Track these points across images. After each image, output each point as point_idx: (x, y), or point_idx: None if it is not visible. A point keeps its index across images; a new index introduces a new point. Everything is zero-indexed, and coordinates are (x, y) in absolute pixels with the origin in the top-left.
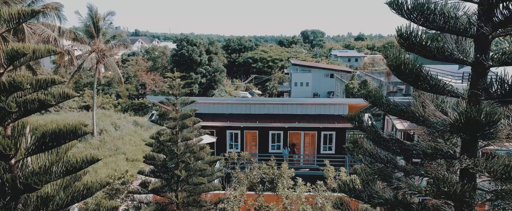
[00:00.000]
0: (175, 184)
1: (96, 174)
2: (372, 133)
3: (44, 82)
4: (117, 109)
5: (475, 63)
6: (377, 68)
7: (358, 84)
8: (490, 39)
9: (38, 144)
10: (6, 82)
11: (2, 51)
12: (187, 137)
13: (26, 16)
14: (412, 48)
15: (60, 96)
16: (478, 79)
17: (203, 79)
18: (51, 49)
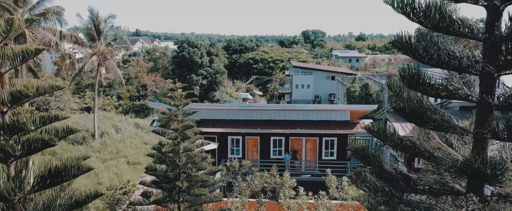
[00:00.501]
0: (177, 194)
1: (98, 177)
2: (377, 168)
3: (48, 119)
4: (118, 111)
5: (480, 102)
6: (378, 69)
7: (359, 88)
8: (496, 78)
9: (41, 183)
10: (10, 124)
11: (6, 91)
12: (189, 148)
13: (30, 54)
14: (416, 87)
15: (64, 131)
16: (483, 117)
17: (204, 81)
18: (55, 85)
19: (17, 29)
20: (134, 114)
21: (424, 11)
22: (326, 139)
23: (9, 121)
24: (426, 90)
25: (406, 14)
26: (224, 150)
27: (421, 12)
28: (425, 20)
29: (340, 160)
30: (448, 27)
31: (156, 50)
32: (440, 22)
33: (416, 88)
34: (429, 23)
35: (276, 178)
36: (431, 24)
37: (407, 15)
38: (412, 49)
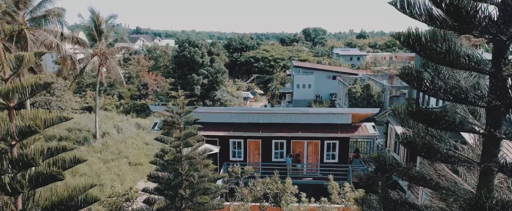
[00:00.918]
0: (179, 201)
1: (99, 178)
2: (383, 198)
3: (55, 151)
4: (119, 110)
5: (487, 135)
6: (379, 68)
7: (360, 89)
8: (503, 111)
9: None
10: (19, 159)
11: (15, 127)
12: (191, 156)
13: (39, 88)
14: (420, 120)
15: (72, 161)
16: (490, 149)
17: (205, 81)
18: (63, 116)
19: (27, 64)
20: (135, 114)
21: (430, 47)
22: (327, 141)
23: (18, 156)
24: (429, 123)
25: (410, 47)
26: (225, 153)
27: (426, 47)
28: (430, 55)
29: (341, 163)
30: (453, 61)
31: (157, 49)
32: (446, 56)
33: (420, 121)
34: (434, 57)
35: (278, 183)
36: (436, 59)
37: (413, 49)
38: (418, 80)
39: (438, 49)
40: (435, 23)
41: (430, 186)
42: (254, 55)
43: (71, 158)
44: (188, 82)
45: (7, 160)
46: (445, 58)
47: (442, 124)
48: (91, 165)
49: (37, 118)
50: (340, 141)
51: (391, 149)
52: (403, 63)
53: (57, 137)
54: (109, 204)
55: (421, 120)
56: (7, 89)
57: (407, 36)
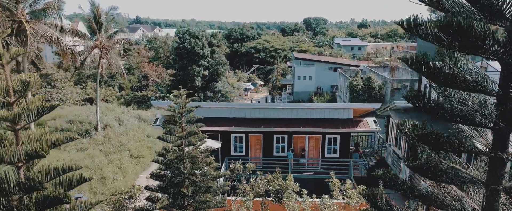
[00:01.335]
0: (182, 199)
1: (101, 171)
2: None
3: (62, 171)
4: (120, 101)
5: (493, 157)
6: (380, 58)
7: (362, 82)
8: (510, 133)
9: None
10: (26, 184)
11: (22, 150)
12: (193, 155)
13: (45, 110)
14: (427, 142)
15: (78, 180)
16: (496, 171)
17: (206, 72)
18: (69, 136)
19: (32, 87)
20: (136, 105)
21: (437, 71)
22: (329, 136)
23: (25, 180)
24: (435, 145)
25: (417, 70)
26: (227, 148)
27: (434, 71)
28: (438, 78)
29: (343, 157)
30: (460, 85)
31: (157, 39)
32: (454, 81)
33: (427, 144)
34: (442, 81)
35: (279, 180)
36: (444, 82)
37: (420, 72)
38: (426, 106)
39: (445, 73)
40: (443, 44)
41: (436, 204)
42: (255, 46)
43: (77, 178)
44: (189, 74)
45: (14, 184)
46: (453, 82)
47: (449, 147)
48: (93, 157)
49: (43, 139)
50: (341, 135)
51: (392, 143)
52: (404, 54)
53: (59, 129)
54: (113, 202)
55: (428, 142)
56: (14, 114)
57: (415, 60)
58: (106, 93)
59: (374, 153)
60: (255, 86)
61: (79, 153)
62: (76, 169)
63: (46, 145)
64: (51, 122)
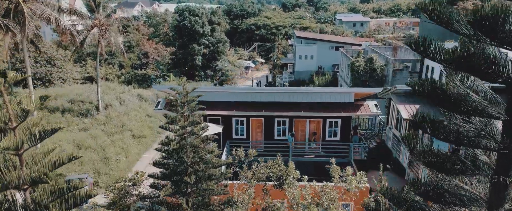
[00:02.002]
0: (185, 187)
1: (104, 152)
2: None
3: (67, 190)
4: (120, 80)
5: (497, 180)
6: (382, 35)
7: (363, 62)
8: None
9: None
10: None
11: (27, 176)
12: (196, 144)
13: (47, 134)
14: (432, 164)
15: (83, 197)
16: (499, 193)
17: (206, 50)
18: (72, 156)
19: (32, 113)
20: (136, 84)
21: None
22: (330, 120)
23: (32, 204)
24: (442, 170)
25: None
26: (228, 131)
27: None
28: (444, 104)
29: (343, 141)
30: (467, 112)
31: (156, 16)
32: (460, 107)
33: (432, 166)
34: (448, 107)
35: (281, 166)
36: (451, 109)
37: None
38: (432, 128)
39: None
40: (451, 66)
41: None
42: (256, 23)
43: (82, 195)
44: (189, 52)
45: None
46: (459, 109)
47: (453, 170)
48: (95, 138)
49: (49, 165)
50: (342, 119)
51: (392, 126)
52: (407, 30)
53: (60, 109)
54: (117, 189)
55: (432, 164)
56: (17, 143)
57: (421, 85)
58: (106, 72)
59: (374, 135)
60: (255, 64)
61: (82, 133)
62: (81, 188)
63: (50, 168)
64: (52, 102)
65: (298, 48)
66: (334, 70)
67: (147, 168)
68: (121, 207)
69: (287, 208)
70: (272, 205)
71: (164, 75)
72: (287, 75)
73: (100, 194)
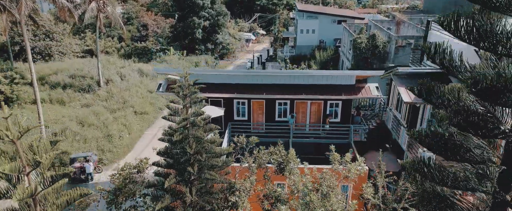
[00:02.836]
0: (188, 175)
1: (107, 129)
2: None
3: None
4: (120, 53)
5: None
6: (386, 6)
7: (366, 39)
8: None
9: None
10: None
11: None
12: (198, 135)
13: (59, 177)
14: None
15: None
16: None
17: (206, 23)
18: (83, 192)
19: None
20: (137, 58)
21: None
22: (331, 102)
23: None
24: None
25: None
26: (230, 113)
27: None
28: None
29: (344, 122)
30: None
31: None
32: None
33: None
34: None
35: (281, 152)
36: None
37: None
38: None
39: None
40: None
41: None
42: None
43: None
44: (189, 25)
45: None
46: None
47: (455, 185)
48: (98, 114)
49: (60, 200)
50: (343, 101)
51: (392, 107)
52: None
53: (61, 84)
54: (122, 176)
55: (435, 181)
56: (31, 191)
57: (424, 136)
58: (106, 45)
59: (374, 116)
60: (256, 36)
61: (84, 109)
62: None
63: (63, 207)
64: (53, 77)
65: (299, 22)
66: (336, 45)
67: (151, 145)
68: (126, 195)
69: (287, 194)
70: (273, 192)
71: (164, 49)
72: (288, 50)
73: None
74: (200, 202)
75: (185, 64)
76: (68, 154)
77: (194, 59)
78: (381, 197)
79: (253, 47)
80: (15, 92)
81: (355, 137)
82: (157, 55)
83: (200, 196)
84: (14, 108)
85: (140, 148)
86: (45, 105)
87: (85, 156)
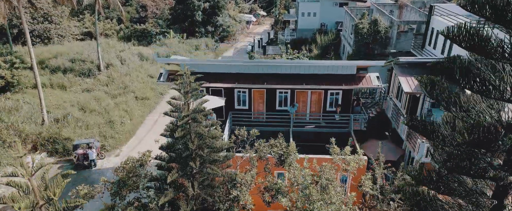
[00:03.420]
0: (190, 169)
1: (109, 115)
2: None
3: None
4: (119, 36)
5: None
6: None
7: (368, 24)
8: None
9: None
10: None
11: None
12: (199, 131)
13: (70, 209)
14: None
15: None
16: None
17: (206, 5)
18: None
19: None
20: (136, 41)
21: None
22: (331, 91)
23: None
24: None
25: None
26: (231, 102)
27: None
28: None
29: (344, 112)
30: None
31: None
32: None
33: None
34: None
35: (282, 145)
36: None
37: None
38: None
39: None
40: None
41: None
42: None
43: None
44: (189, 8)
45: None
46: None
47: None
48: (99, 100)
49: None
50: (343, 91)
51: (393, 96)
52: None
53: (62, 69)
54: (126, 170)
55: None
56: None
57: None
58: (105, 27)
59: (374, 104)
60: (257, 18)
61: (85, 93)
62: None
63: None
64: (53, 61)
65: (301, 4)
66: (337, 28)
67: (152, 130)
68: (130, 188)
69: (287, 187)
70: (274, 184)
71: (163, 32)
72: (289, 33)
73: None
74: (202, 194)
75: (185, 48)
76: (71, 141)
77: (194, 42)
78: (379, 188)
79: (253, 29)
80: (16, 77)
81: (355, 126)
82: (157, 38)
83: (202, 189)
84: (15, 93)
85: (142, 134)
86: (46, 90)
87: (87, 143)
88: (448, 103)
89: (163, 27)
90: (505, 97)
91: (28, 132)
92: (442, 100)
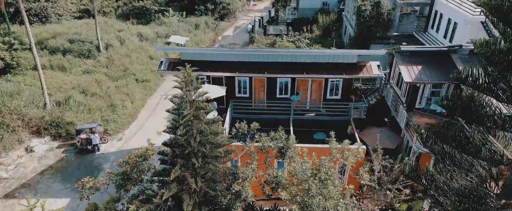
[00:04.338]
0: (193, 165)
1: (110, 99)
2: None
3: None
4: (118, 13)
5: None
6: None
7: (370, 6)
8: None
9: None
10: None
11: None
12: (201, 129)
13: None
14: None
15: None
16: None
17: None
18: None
19: None
20: (135, 20)
21: None
22: (332, 80)
23: None
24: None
25: None
26: (232, 90)
27: None
28: None
29: (344, 100)
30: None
31: None
32: None
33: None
34: None
35: (282, 138)
36: None
37: None
38: None
39: None
40: None
41: None
42: None
43: None
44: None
45: None
46: None
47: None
48: (99, 82)
49: None
50: (343, 79)
51: (393, 83)
52: None
53: (61, 49)
54: (129, 165)
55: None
56: None
57: None
58: (103, 4)
59: (375, 91)
60: None
61: (85, 75)
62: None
63: None
64: (52, 41)
65: None
66: (339, 8)
67: (154, 114)
68: (134, 182)
69: (287, 181)
70: (274, 178)
71: (162, 10)
72: (290, 11)
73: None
74: (204, 188)
75: (184, 27)
76: (73, 125)
77: (194, 21)
78: (376, 179)
79: (253, 7)
80: (15, 59)
81: (354, 115)
82: (155, 16)
83: (204, 182)
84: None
85: (143, 117)
86: (46, 72)
87: (90, 128)
88: (443, 157)
89: (162, 5)
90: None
91: (31, 116)
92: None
